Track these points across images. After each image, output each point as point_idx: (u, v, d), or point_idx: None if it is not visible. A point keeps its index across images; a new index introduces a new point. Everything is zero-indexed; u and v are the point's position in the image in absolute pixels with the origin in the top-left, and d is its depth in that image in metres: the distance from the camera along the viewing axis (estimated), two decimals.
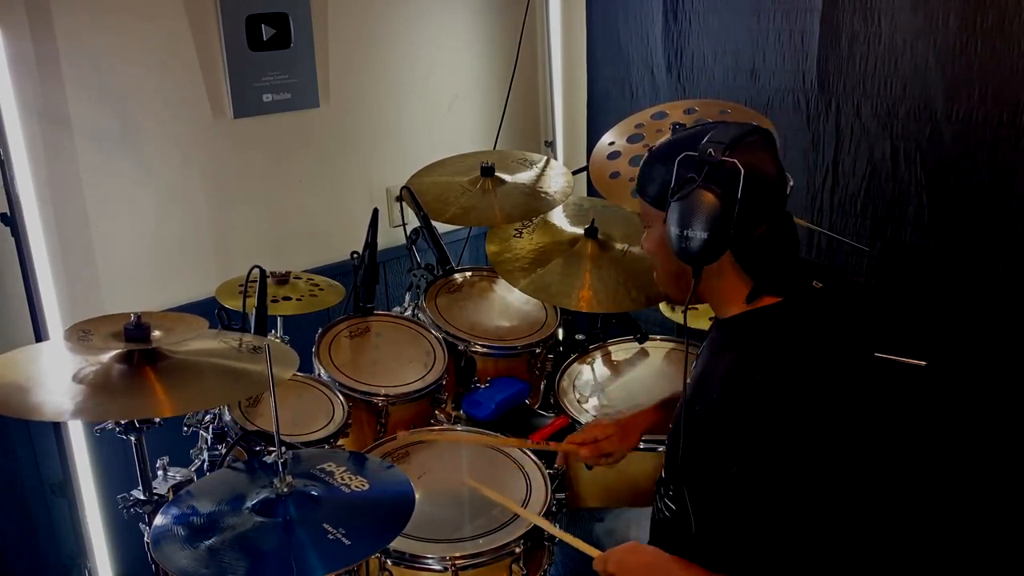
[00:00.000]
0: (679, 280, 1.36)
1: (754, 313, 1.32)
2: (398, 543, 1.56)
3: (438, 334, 2.14)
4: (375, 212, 2.14)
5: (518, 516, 1.66)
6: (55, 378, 1.46)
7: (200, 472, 1.82)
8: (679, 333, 2.28)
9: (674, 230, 1.27)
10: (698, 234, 1.24)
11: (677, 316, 2.21)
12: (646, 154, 1.39)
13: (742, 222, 1.24)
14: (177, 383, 1.49)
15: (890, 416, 1.35)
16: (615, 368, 2.18)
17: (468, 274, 2.37)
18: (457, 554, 1.57)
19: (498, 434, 1.86)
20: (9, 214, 1.87)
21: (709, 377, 1.33)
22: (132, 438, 1.66)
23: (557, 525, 1.68)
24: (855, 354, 1.32)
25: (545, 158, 2.48)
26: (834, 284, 1.35)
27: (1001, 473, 2.11)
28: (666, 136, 1.41)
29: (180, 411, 1.65)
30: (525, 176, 2.36)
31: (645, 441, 1.85)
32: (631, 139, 2.16)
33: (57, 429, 2.05)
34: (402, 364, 2.06)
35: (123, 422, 1.65)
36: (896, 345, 1.97)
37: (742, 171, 1.21)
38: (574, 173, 2.43)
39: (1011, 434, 2.07)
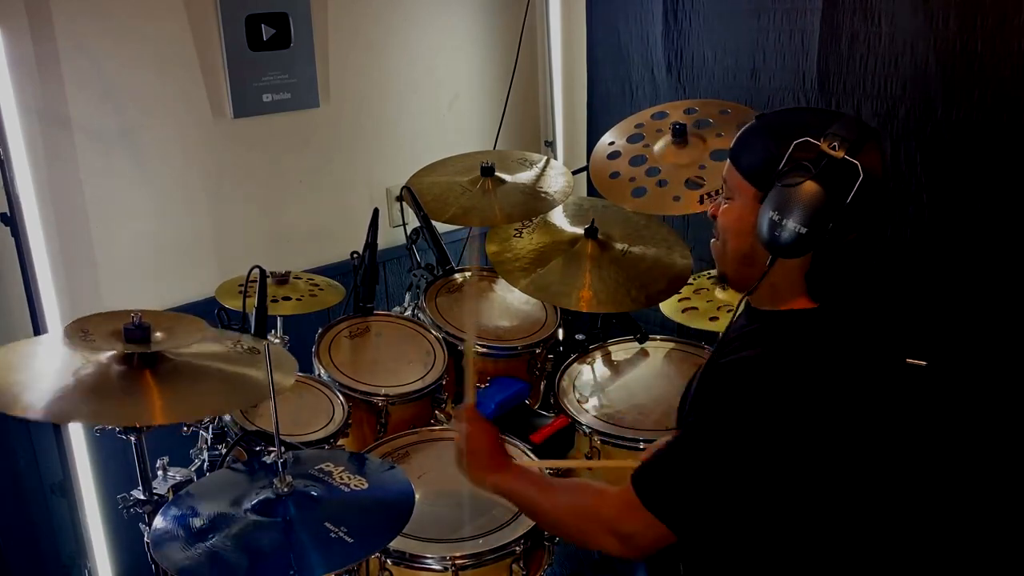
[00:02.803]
0: (745, 262, 1.30)
1: (791, 313, 1.28)
2: (398, 543, 1.56)
3: (438, 334, 2.14)
4: (375, 212, 2.14)
5: (518, 516, 1.66)
6: (54, 378, 1.46)
7: (200, 472, 1.82)
8: (679, 333, 2.28)
9: (769, 214, 1.21)
10: (795, 226, 1.19)
11: (677, 316, 2.20)
12: (752, 120, 1.31)
13: (840, 226, 1.19)
14: (176, 390, 1.48)
15: (893, 427, 1.34)
16: (615, 368, 2.18)
17: (468, 274, 2.37)
18: (457, 554, 1.57)
19: None
20: (9, 214, 1.87)
21: (732, 359, 1.29)
22: (132, 438, 1.66)
23: None
24: (875, 370, 1.29)
25: (545, 158, 2.48)
26: (874, 294, 1.33)
27: (1001, 473, 2.11)
28: (774, 111, 1.34)
29: (178, 419, 1.64)
30: (525, 176, 2.36)
31: (645, 442, 1.85)
32: (631, 139, 2.16)
33: (57, 429, 2.05)
34: (402, 364, 2.06)
35: None
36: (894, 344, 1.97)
37: (861, 176, 1.17)
38: (574, 173, 2.43)
39: (1011, 434, 2.07)
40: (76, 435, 2.11)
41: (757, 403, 1.20)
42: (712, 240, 1.38)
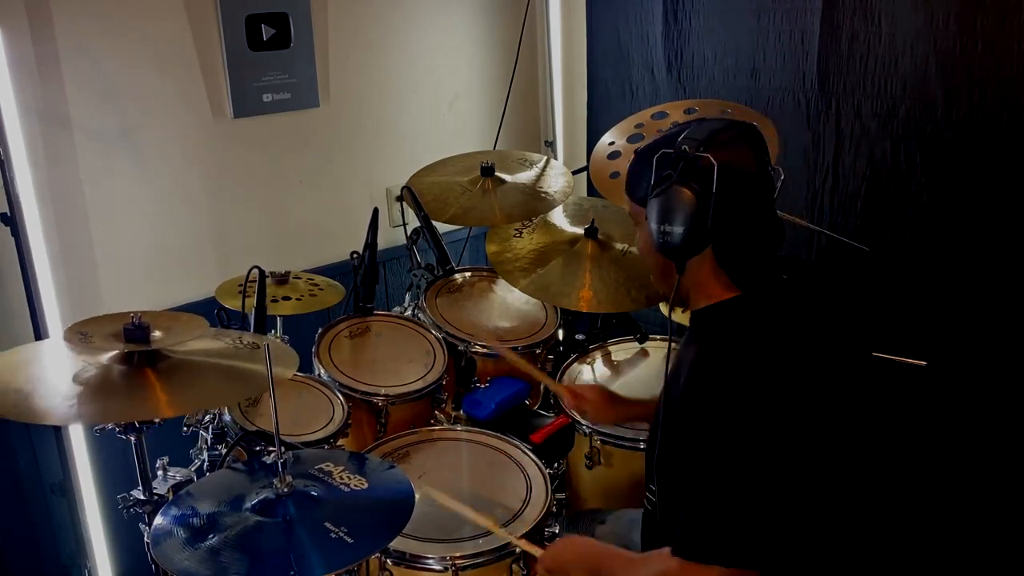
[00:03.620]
0: (665, 275, 1.38)
1: (717, 305, 1.34)
2: (398, 543, 1.56)
3: (438, 334, 2.14)
4: (375, 212, 2.14)
5: (518, 516, 1.66)
6: (55, 380, 1.46)
7: (200, 472, 1.82)
8: (679, 333, 2.28)
9: (654, 226, 1.30)
10: (676, 229, 1.27)
11: (676, 316, 2.20)
12: (632, 156, 1.41)
13: (720, 217, 1.26)
14: (177, 384, 1.49)
15: (851, 406, 1.36)
16: (615, 368, 2.18)
17: (468, 274, 2.37)
18: (457, 554, 1.57)
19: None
20: (9, 214, 1.87)
21: (681, 366, 1.36)
22: (132, 438, 1.66)
23: (556, 525, 1.69)
24: (807, 345, 1.33)
25: (545, 158, 2.48)
26: (800, 277, 1.38)
27: (1001, 473, 2.10)
28: (651, 138, 1.42)
29: (180, 412, 1.65)
30: (525, 176, 2.36)
31: (645, 442, 1.85)
32: (631, 139, 2.16)
33: (57, 429, 2.05)
34: (402, 364, 2.06)
35: (123, 422, 1.64)
36: (895, 345, 1.97)
37: (715, 165, 1.24)
38: (574, 173, 2.43)
39: (1011, 434, 2.07)
40: (76, 435, 2.11)
41: (731, 410, 1.24)
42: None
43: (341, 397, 1.93)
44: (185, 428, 1.86)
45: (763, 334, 1.30)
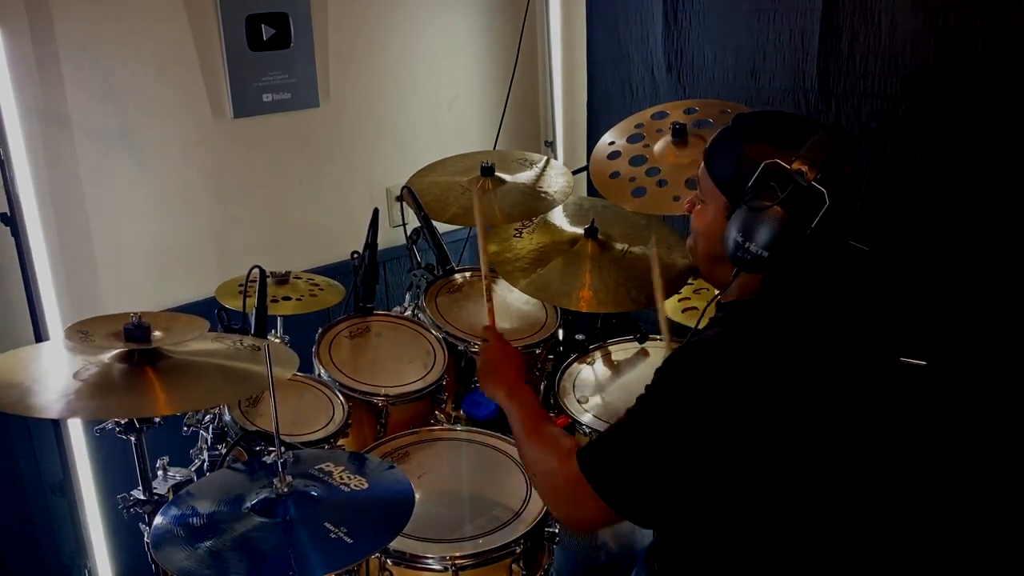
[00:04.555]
0: (714, 263, 1.35)
1: (740, 303, 1.33)
2: (398, 543, 1.56)
3: (438, 334, 2.14)
4: (375, 212, 2.14)
5: (518, 516, 1.66)
6: (55, 377, 1.46)
7: (200, 472, 1.82)
8: (679, 333, 2.28)
9: (735, 234, 1.23)
10: (758, 250, 1.21)
11: (678, 316, 2.20)
12: (729, 124, 1.32)
13: (804, 248, 1.21)
14: (177, 383, 1.49)
15: (838, 413, 1.34)
16: (615, 368, 2.18)
17: (468, 274, 2.37)
18: (457, 554, 1.57)
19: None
20: (9, 214, 1.87)
21: (691, 341, 1.35)
22: (132, 438, 1.66)
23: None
24: (817, 353, 1.29)
25: (545, 158, 2.47)
26: (832, 282, 1.34)
27: (1001, 473, 2.11)
28: (752, 112, 1.36)
29: (180, 410, 1.65)
30: (525, 176, 2.36)
31: None
32: (631, 139, 2.16)
33: (57, 429, 2.05)
34: (402, 364, 2.06)
35: (123, 422, 1.65)
36: (895, 344, 1.97)
37: (827, 204, 1.17)
38: (574, 173, 2.42)
39: (1011, 434, 2.07)
40: (76, 435, 2.11)
41: (698, 381, 1.22)
42: (688, 238, 1.42)
43: (341, 397, 1.93)
44: (185, 428, 1.86)
45: (776, 340, 1.26)
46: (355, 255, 2.15)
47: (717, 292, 1.38)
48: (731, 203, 1.26)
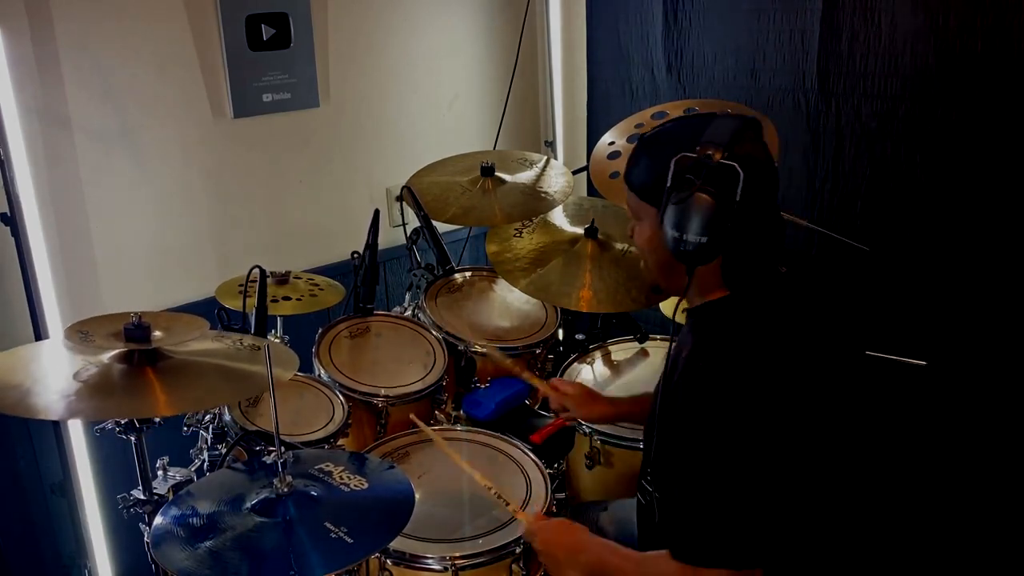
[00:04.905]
0: (668, 272, 1.37)
1: (711, 304, 1.34)
2: (398, 543, 1.56)
3: (438, 334, 2.14)
4: (376, 213, 2.14)
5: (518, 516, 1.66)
6: (55, 378, 1.46)
7: (200, 472, 1.82)
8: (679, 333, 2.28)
9: (671, 232, 1.27)
10: (697, 238, 1.24)
11: (678, 316, 2.21)
12: (636, 144, 1.37)
13: (738, 223, 1.24)
14: (177, 383, 1.49)
15: (842, 403, 1.35)
16: (615, 368, 2.18)
17: (468, 274, 2.37)
18: (457, 554, 1.57)
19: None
20: (9, 214, 1.87)
21: (676, 363, 1.37)
22: (132, 438, 1.66)
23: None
24: (799, 343, 1.32)
25: (545, 158, 2.48)
26: (797, 272, 1.37)
27: (1001, 473, 2.10)
28: (654, 127, 1.40)
29: (180, 410, 1.65)
30: (525, 176, 2.36)
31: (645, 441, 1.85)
32: (631, 139, 2.16)
33: (57, 429, 2.05)
34: (402, 364, 2.06)
35: (123, 422, 1.65)
36: (895, 345, 1.97)
37: (742, 175, 1.21)
38: (574, 173, 2.43)
39: (1011, 434, 2.07)
40: (76, 435, 2.11)
41: (722, 410, 1.23)
42: (640, 264, 1.45)
43: (341, 397, 1.93)
44: (185, 428, 1.86)
45: (754, 333, 1.29)
46: (355, 255, 2.15)
47: (678, 299, 1.41)
48: (659, 209, 1.30)
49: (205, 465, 1.83)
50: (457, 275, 2.35)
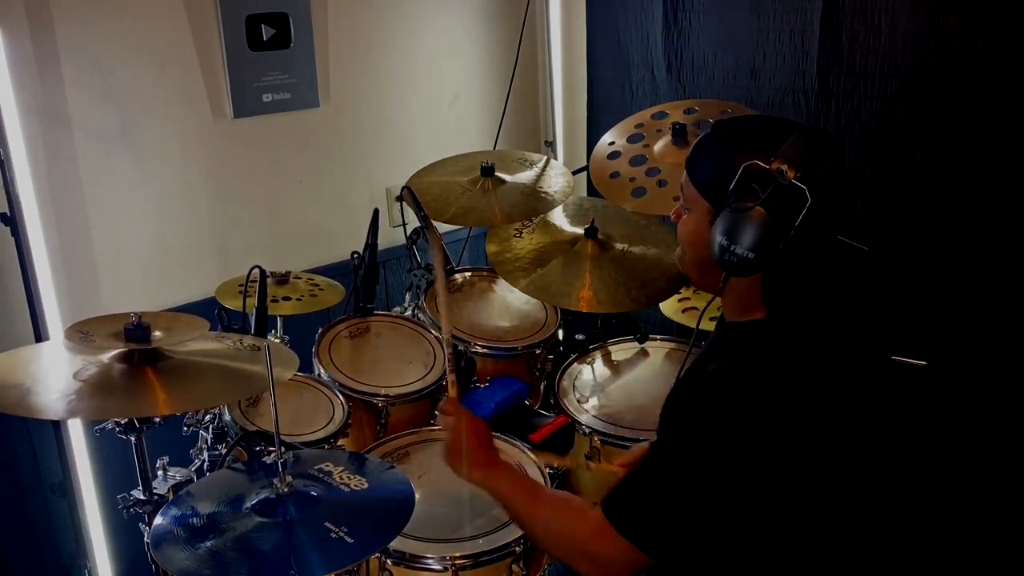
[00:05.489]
0: (704, 270, 1.33)
1: (747, 324, 1.31)
2: (398, 543, 1.56)
3: (438, 334, 2.14)
4: (376, 212, 2.14)
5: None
6: (55, 377, 1.46)
7: (200, 472, 1.82)
8: (679, 333, 2.28)
9: (721, 238, 1.22)
10: (743, 251, 1.20)
11: (678, 316, 2.21)
12: (708, 130, 1.32)
13: (790, 247, 1.20)
14: (177, 383, 1.49)
15: (857, 426, 1.33)
16: (615, 368, 2.18)
17: (468, 274, 2.37)
18: (457, 554, 1.57)
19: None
20: (9, 214, 1.87)
21: (696, 372, 1.34)
22: (132, 438, 1.66)
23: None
24: (829, 373, 1.29)
25: (545, 158, 2.47)
26: (842, 300, 1.34)
27: (1001, 473, 2.11)
28: (731, 117, 1.34)
29: (180, 410, 1.65)
30: (525, 176, 2.36)
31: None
32: (631, 139, 2.16)
33: (57, 429, 2.05)
34: (402, 364, 2.07)
35: (123, 422, 1.65)
36: (895, 345, 1.97)
37: (809, 201, 1.16)
38: (574, 173, 2.42)
39: (1011, 434, 2.07)
40: (76, 435, 2.11)
41: (716, 419, 1.22)
42: (676, 248, 1.41)
43: (341, 397, 1.93)
44: (185, 428, 1.86)
45: (783, 370, 1.25)
46: (355, 255, 2.15)
47: (708, 301, 1.38)
48: (714, 208, 1.26)
49: (205, 465, 1.83)
50: (457, 275, 2.35)
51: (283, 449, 1.42)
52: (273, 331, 2.12)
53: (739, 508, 1.24)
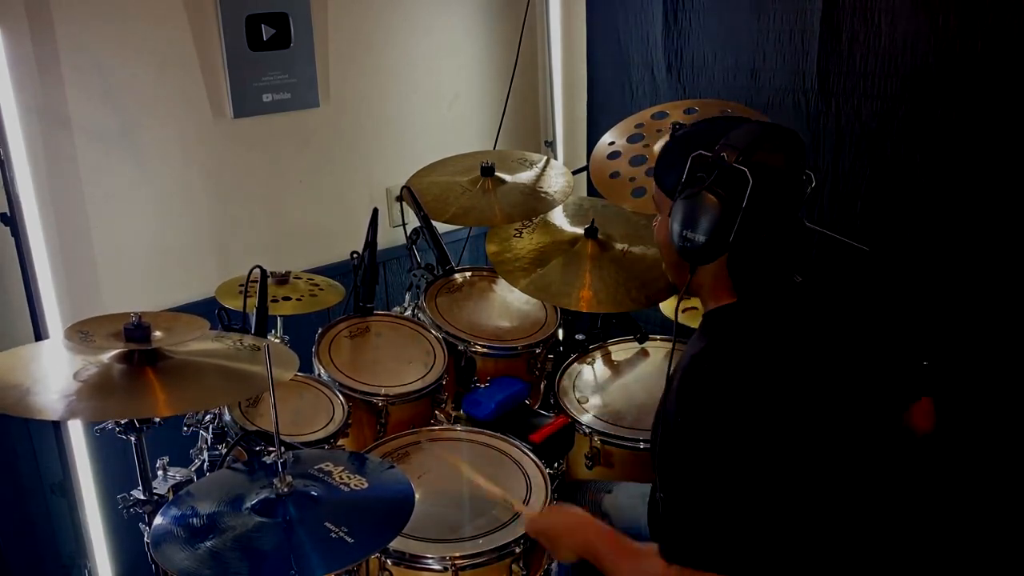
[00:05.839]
0: (678, 270, 1.38)
1: (721, 309, 1.35)
2: (398, 543, 1.56)
3: (438, 334, 2.14)
4: (375, 212, 2.14)
5: (518, 516, 1.66)
6: (55, 378, 1.46)
7: (200, 472, 1.82)
8: (679, 333, 2.28)
9: (676, 227, 1.28)
10: (697, 236, 1.26)
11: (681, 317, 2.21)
12: (667, 139, 1.38)
13: (743, 228, 1.24)
14: (177, 383, 1.49)
15: (850, 412, 1.35)
16: (615, 368, 2.18)
17: (468, 274, 2.37)
18: (457, 554, 1.57)
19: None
20: (9, 214, 1.87)
21: (679, 366, 1.36)
22: (132, 438, 1.66)
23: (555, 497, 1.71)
24: (804, 354, 1.31)
25: (545, 158, 2.48)
26: (813, 280, 1.37)
27: (1001, 473, 2.11)
28: (690, 124, 1.40)
29: (180, 410, 1.65)
30: (525, 176, 2.36)
31: (645, 441, 1.85)
32: (631, 139, 2.16)
33: (57, 429, 2.05)
34: (402, 364, 2.06)
35: (123, 422, 1.65)
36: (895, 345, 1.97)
37: (751, 181, 1.21)
38: (574, 173, 2.43)
39: (1011, 434, 2.07)
40: (76, 435, 2.11)
41: (703, 406, 1.24)
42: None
43: (341, 397, 1.93)
44: (185, 428, 1.86)
45: (754, 342, 1.29)
46: (355, 255, 2.15)
47: (686, 296, 1.42)
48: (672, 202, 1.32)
49: (205, 465, 1.83)
50: (457, 275, 2.35)
51: (283, 449, 1.42)
52: (273, 331, 2.12)
53: (773, 488, 1.24)
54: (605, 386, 2.10)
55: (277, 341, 2.10)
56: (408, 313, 2.25)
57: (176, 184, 2.33)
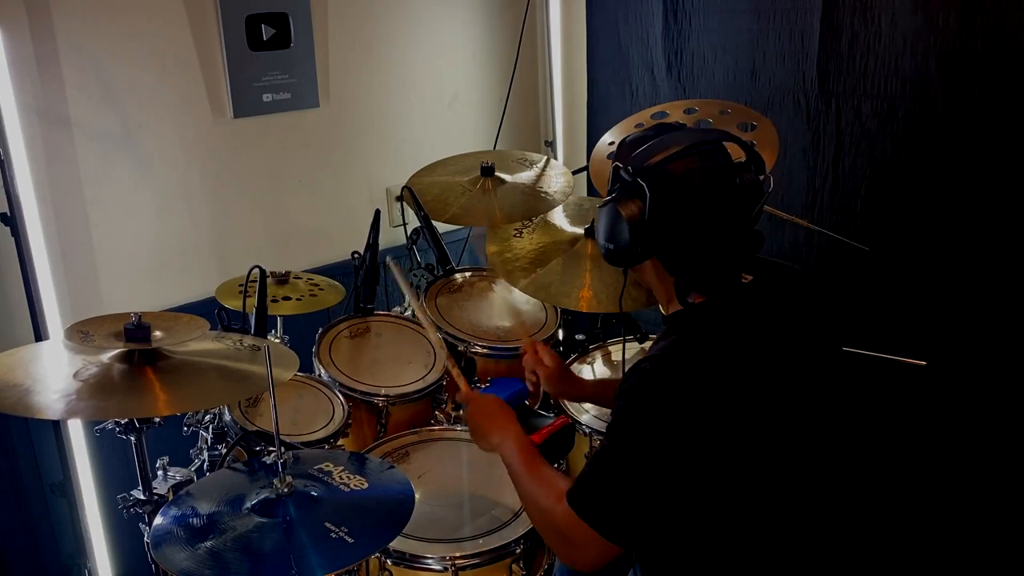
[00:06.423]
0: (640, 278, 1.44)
1: (681, 312, 1.36)
2: (398, 543, 1.56)
3: (438, 334, 2.13)
4: (377, 213, 2.15)
5: (518, 516, 1.66)
6: (55, 377, 1.46)
7: (200, 472, 1.82)
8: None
9: (597, 235, 1.37)
10: (604, 243, 1.35)
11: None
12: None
13: (663, 234, 1.28)
14: (177, 383, 1.49)
15: (812, 407, 1.36)
16: (615, 368, 2.18)
17: (468, 274, 2.37)
18: (457, 554, 1.57)
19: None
20: (9, 214, 1.87)
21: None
22: (132, 438, 1.66)
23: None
24: (756, 350, 1.32)
25: (545, 158, 2.48)
26: (768, 278, 1.38)
27: (1001, 473, 2.11)
28: (640, 131, 1.42)
29: (180, 410, 1.65)
30: (525, 176, 2.36)
31: None
32: None
33: (57, 429, 2.05)
34: (402, 364, 2.07)
35: (123, 422, 1.65)
36: (895, 344, 1.97)
37: (648, 195, 1.26)
38: (574, 173, 2.42)
39: (1011, 434, 2.07)
40: (76, 435, 2.11)
41: (649, 400, 1.25)
42: None
43: (341, 397, 1.93)
44: (185, 428, 1.86)
45: (699, 344, 1.29)
46: (355, 255, 2.15)
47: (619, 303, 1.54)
48: None
49: (205, 465, 1.83)
50: (457, 275, 2.35)
51: (283, 449, 1.42)
52: (273, 331, 2.12)
53: (689, 487, 1.26)
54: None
55: (277, 341, 2.10)
56: (408, 313, 2.25)
57: (176, 184, 2.33)
